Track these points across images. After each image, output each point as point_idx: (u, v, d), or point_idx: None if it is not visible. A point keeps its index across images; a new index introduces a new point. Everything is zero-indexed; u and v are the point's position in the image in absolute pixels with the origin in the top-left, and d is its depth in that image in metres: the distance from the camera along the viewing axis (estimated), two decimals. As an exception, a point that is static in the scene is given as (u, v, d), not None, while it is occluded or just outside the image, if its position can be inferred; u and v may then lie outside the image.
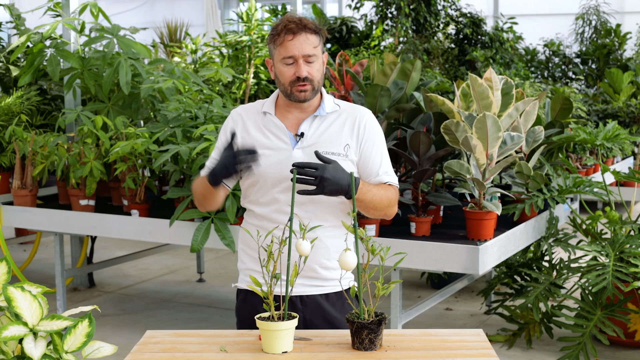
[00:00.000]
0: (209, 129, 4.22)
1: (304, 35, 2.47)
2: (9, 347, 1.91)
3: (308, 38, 2.47)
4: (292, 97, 2.52)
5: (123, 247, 7.66)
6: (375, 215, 2.57)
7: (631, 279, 4.28)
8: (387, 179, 2.57)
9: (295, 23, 2.47)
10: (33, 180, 5.10)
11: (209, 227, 4.30)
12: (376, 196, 2.50)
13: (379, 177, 2.56)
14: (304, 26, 2.47)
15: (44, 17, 5.89)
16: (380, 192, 2.51)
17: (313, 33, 2.49)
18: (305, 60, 2.48)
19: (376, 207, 2.52)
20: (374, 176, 2.56)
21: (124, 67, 4.95)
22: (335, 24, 10.06)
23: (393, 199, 2.57)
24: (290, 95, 2.52)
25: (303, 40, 2.47)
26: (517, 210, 4.24)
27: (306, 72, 2.48)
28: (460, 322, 5.31)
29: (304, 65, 2.48)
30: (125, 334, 5.08)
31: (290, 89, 2.50)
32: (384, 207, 2.54)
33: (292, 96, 2.51)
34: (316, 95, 2.55)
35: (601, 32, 10.33)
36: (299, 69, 2.47)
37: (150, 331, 2.39)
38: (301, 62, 2.47)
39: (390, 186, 2.57)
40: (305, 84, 2.48)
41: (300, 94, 2.50)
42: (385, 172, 2.58)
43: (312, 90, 2.51)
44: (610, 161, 6.78)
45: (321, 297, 2.58)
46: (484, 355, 2.18)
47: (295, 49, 2.46)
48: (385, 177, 2.57)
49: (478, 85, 3.72)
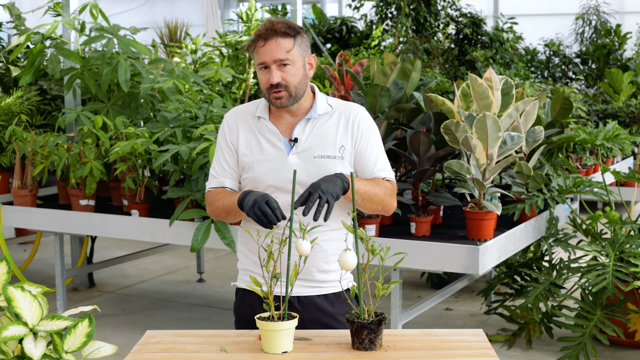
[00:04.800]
0: (209, 129, 4.22)
1: (274, 40, 2.43)
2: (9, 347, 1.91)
3: (279, 43, 2.43)
4: (271, 103, 2.50)
5: (123, 247, 7.66)
6: (374, 210, 2.55)
7: (631, 279, 4.28)
8: (383, 175, 2.57)
9: (267, 28, 2.44)
10: (33, 180, 5.10)
11: (209, 227, 4.30)
12: (371, 189, 2.49)
13: (375, 174, 2.56)
14: (274, 31, 2.43)
15: (44, 17, 5.89)
16: (375, 187, 2.51)
17: (285, 37, 2.44)
18: (279, 65, 2.44)
19: (373, 200, 2.50)
20: (370, 172, 2.56)
21: (122, 65, 4.94)
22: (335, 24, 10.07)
23: (390, 193, 2.56)
24: (269, 101, 2.51)
25: (274, 45, 2.43)
26: (517, 210, 4.24)
27: (279, 77, 2.44)
28: (460, 322, 5.31)
29: (276, 71, 2.44)
30: (125, 334, 5.08)
31: (268, 95, 2.49)
32: (380, 201, 2.52)
33: (270, 102, 2.50)
34: (298, 99, 2.51)
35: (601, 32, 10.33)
36: (271, 76, 2.44)
37: (150, 331, 2.39)
38: (273, 67, 2.44)
39: (387, 181, 2.57)
40: (279, 91, 2.45)
41: (276, 101, 2.47)
42: (381, 168, 2.57)
43: (288, 96, 2.47)
44: (610, 161, 6.78)
45: (319, 297, 2.58)
46: (484, 355, 2.18)
47: (266, 55, 2.44)
48: (382, 173, 2.57)
49: (478, 85, 3.72)
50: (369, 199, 2.49)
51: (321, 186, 2.34)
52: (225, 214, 2.55)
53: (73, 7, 5.68)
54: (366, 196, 2.48)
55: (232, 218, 2.56)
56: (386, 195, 2.54)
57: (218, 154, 2.62)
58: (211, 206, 2.60)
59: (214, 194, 2.60)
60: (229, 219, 2.58)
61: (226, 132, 2.61)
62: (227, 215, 2.55)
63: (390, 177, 2.58)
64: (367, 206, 2.52)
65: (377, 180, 2.54)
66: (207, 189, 2.64)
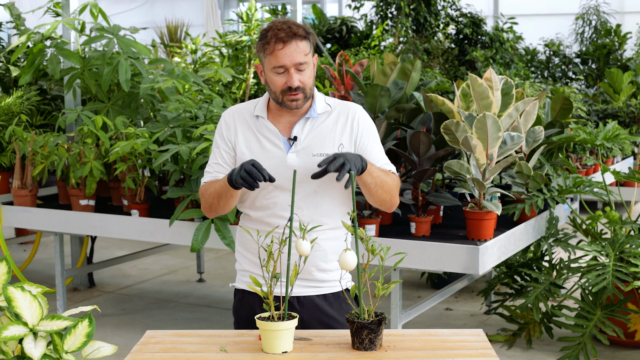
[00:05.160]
0: (209, 129, 4.22)
1: (295, 44, 2.42)
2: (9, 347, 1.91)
3: (299, 46, 2.42)
4: (284, 105, 2.49)
5: (123, 247, 7.66)
6: (382, 200, 2.54)
7: (631, 279, 4.28)
8: (389, 168, 2.58)
9: (285, 31, 2.41)
10: (33, 180, 5.10)
11: (209, 227, 4.30)
12: (384, 177, 2.50)
13: (382, 167, 2.56)
14: (294, 34, 2.41)
15: (44, 17, 5.89)
16: (387, 176, 2.52)
17: (303, 40, 2.44)
18: (297, 68, 2.44)
19: (384, 188, 2.49)
20: None
21: (123, 65, 4.95)
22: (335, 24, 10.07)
23: (397, 185, 2.57)
24: (281, 104, 2.49)
25: (294, 49, 2.41)
26: (517, 210, 4.24)
27: (298, 81, 2.44)
28: (460, 322, 5.31)
29: (296, 74, 2.43)
30: (125, 334, 5.08)
31: (282, 97, 2.47)
32: (390, 190, 2.52)
33: (284, 104, 2.49)
34: (308, 100, 2.52)
35: (601, 32, 10.33)
36: (291, 79, 2.43)
37: (150, 331, 2.39)
38: (292, 71, 2.43)
39: (394, 174, 2.58)
40: (297, 93, 2.45)
41: (292, 103, 2.47)
42: (386, 163, 2.59)
43: (303, 98, 2.48)
44: (610, 161, 6.78)
45: (318, 297, 2.58)
46: (484, 355, 2.18)
47: (286, 59, 2.41)
48: (387, 167, 2.58)
49: (478, 85, 3.72)
50: (381, 184, 2.48)
51: (346, 155, 2.34)
52: (217, 198, 2.52)
53: (73, 7, 5.68)
54: (379, 181, 2.47)
55: (224, 202, 2.51)
56: (394, 187, 2.54)
57: (214, 151, 2.62)
58: (203, 197, 2.59)
59: (206, 185, 2.59)
60: (221, 205, 2.53)
61: (223, 129, 2.60)
62: (219, 200, 2.51)
63: (394, 171, 2.60)
64: (378, 193, 2.50)
65: (387, 171, 2.55)
66: (201, 184, 2.63)
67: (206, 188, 2.58)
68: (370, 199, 2.53)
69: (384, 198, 2.53)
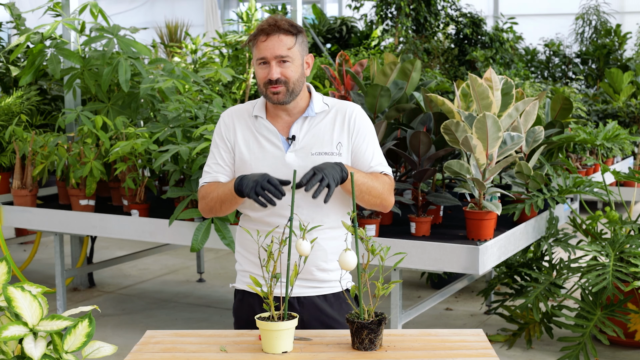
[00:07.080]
0: (209, 129, 4.22)
1: (277, 37, 2.46)
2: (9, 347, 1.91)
3: (281, 39, 2.46)
4: (267, 98, 2.52)
5: (123, 247, 7.66)
6: (372, 204, 2.55)
7: (631, 279, 4.28)
8: (381, 169, 2.58)
9: (270, 24, 2.47)
10: (33, 180, 5.10)
11: (209, 226, 4.30)
12: (370, 182, 2.49)
13: (373, 168, 2.57)
14: (277, 27, 2.46)
15: (44, 17, 5.89)
16: (374, 180, 2.51)
17: (288, 34, 2.47)
18: (279, 61, 2.47)
19: (371, 193, 2.50)
20: (367, 167, 2.57)
21: (123, 65, 4.95)
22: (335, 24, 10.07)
23: (388, 188, 2.56)
24: (266, 97, 2.53)
25: (276, 41, 2.45)
26: (517, 210, 4.24)
27: (278, 73, 2.46)
28: (460, 322, 5.31)
29: (276, 67, 2.46)
30: (125, 334, 5.08)
31: (265, 90, 2.50)
32: (379, 194, 2.52)
33: (267, 98, 2.52)
34: (294, 97, 2.52)
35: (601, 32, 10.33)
36: (271, 71, 2.47)
37: (150, 331, 2.39)
38: (273, 63, 2.46)
39: (385, 175, 2.58)
40: (277, 86, 2.47)
41: (274, 96, 2.49)
42: (378, 164, 2.58)
43: (286, 91, 2.49)
44: (610, 161, 6.78)
45: (319, 298, 2.58)
46: (484, 355, 2.18)
47: (267, 51, 2.46)
48: (379, 168, 2.58)
49: (478, 85, 3.72)
50: (367, 191, 2.49)
51: (324, 169, 2.36)
52: (219, 203, 2.53)
53: (73, 7, 5.68)
54: (364, 188, 2.48)
55: (227, 207, 2.53)
56: (384, 190, 2.54)
57: (213, 151, 2.63)
58: (204, 200, 2.59)
59: (207, 187, 2.59)
60: (223, 209, 2.55)
61: (222, 129, 2.61)
62: (222, 205, 2.53)
63: (387, 172, 2.59)
64: (366, 199, 2.51)
65: (376, 174, 2.55)
66: (201, 184, 2.63)
67: (208, 191, 2.58)
68: (359, 203, 2.54)
69: (374, 202, 2.54)
